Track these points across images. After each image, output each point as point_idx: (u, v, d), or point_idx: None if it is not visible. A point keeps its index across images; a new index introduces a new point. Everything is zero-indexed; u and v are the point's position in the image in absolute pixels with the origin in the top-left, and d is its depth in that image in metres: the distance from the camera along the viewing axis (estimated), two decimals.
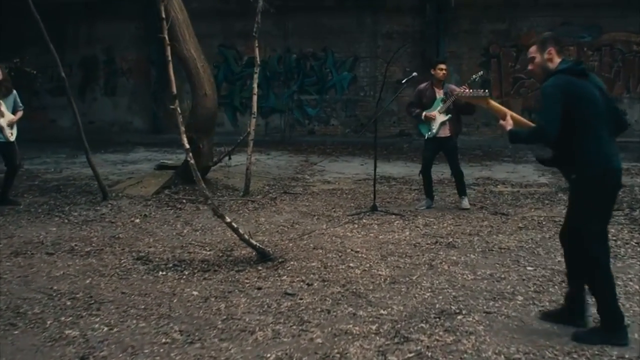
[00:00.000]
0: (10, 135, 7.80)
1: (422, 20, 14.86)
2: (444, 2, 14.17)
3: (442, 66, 7.55)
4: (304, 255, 5.70)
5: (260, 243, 5.75)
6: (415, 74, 7.83)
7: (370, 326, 4.07)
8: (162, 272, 5.30)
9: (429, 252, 5.81)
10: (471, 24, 14.72)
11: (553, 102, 3.72)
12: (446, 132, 7.51)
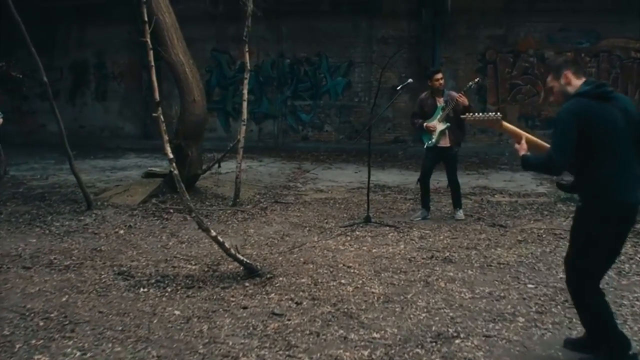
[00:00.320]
0: None
1: (418, 25, 14.60)
2: (440, 7, 13.91)
3: (438, 76, 7.42)
4: (293, 271, 5.44)
5: (248, 257, 5.50)
6: (410, 80, 7.70)
7: (362, 351, 3.81)
8: (143, 289, 5.03)
9: (424, 267, 5.55)
10: (468, 29, 14.48)
11: (565, 129, 3.43)
12: (446, 142, 7.39)
